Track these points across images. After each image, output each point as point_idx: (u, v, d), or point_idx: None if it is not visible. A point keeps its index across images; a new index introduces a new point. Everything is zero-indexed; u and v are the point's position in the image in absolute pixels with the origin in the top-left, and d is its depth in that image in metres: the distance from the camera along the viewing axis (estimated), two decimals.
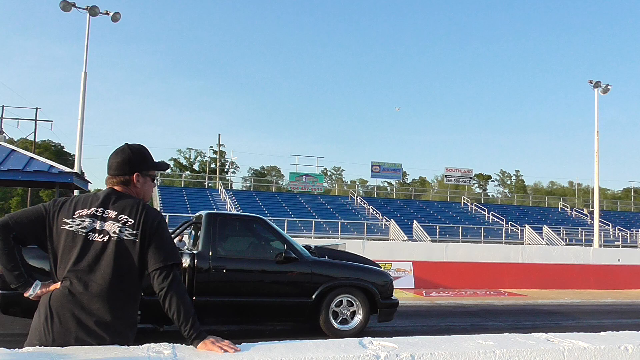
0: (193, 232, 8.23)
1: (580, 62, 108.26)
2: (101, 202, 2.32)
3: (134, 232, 2.27)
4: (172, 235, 8.01)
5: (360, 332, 7.55)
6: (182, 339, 2.24)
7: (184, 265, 6.94)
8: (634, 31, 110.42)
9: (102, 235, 2.25)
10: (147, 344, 2.11)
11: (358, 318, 7.67)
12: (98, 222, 2.27)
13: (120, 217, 2.28)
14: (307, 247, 8.24)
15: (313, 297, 7.43)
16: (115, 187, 2.40)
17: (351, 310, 7.67)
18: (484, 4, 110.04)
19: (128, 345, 2.12)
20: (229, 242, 7.67)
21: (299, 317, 7.62)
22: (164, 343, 2.14)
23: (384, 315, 7.89)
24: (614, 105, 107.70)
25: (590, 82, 28.43)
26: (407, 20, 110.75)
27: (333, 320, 7.54)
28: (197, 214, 8.38)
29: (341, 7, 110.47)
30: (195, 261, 7.01)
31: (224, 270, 7.17)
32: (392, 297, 8.05)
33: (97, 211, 2.29)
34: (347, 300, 7.67)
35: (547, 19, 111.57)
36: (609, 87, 28.32)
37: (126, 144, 2.47)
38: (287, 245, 7.51)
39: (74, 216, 2.27)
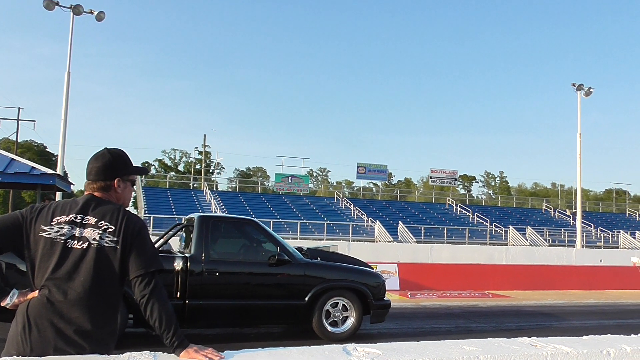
0: (184, 235, 8.20)
1: (563, 65, 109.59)
2: (80, 208, 2.28)
3: (115, 238, 2.24)
4: (165, 238, 7.98)
5: (353, 334, 7.58)
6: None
7: (177, 268, 6.92)
8: (616, 35, 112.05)
9: (81, 242, 2.21)
10: (128, 353, 2.07)
11: (351, 320, 7.70)
12: (77, 228, 2.23)
13: (101, 224, 2.24)
14: (300, 249, 8.24)
15: (306, 299, 7.43)
16: (95, 193, 2.36)
17: (344, 312, 7.70)
18: (470, 8, 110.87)
19: (108, 354, 2.08)
20: (221, 245, 7.66)
21: (292, 319, 7.64)
22: (145, 352, 2.11)
23: (377, 316, 7.92)
24: (597, 107, 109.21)
25: (573, 85, 28.78)
26: (392, 22, 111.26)
27: (326, 323, 7.55)
28: (188, 216, 8.36)
29: (326, 9, 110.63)
30: (188, 264, 6.98)
31: (217, 274, 7.16)
32: (385, 299, 8.10)
33: (76, 218, 2.25)
34: (340, 302, 7.69)
35: (532, 22, 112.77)
36: (591, 90, 28.67)
37: (105, 148, 2.43)
38: (279, 248, 7.50)
39: (52, 223, 2.23)
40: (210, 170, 64.35)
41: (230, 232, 8.04)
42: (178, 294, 6.89)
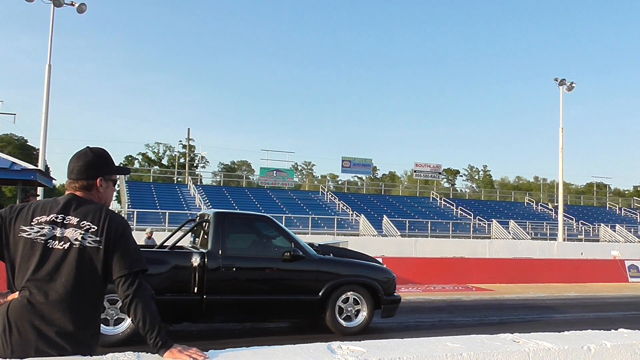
0: (195, 231, 8.27)
1: (546, 59, 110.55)
2: (61, 208, 2.25)
3: (98, 238, 2.21)
4: (179, 235, 8.09)
5: (365, 328, 7.78)
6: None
7: (194, 264, 7.03)
8: (597, 30, 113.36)
9: (62, 242, 2.18)
10: (111, 354, 2.06)
11: (363, 314, 7.86)
12: (58, 229, 2.20)
13: (83, 224, 2.22)
14: (311, 245, 8.39)
15: (320, 294, 7.59)
16: (77, 193, 2.33)
17: (356, 307, 7.86)
18: (455, 5, 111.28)
19: (91, 355, 2.07)
20: (237, 241, 7.78)
21: (306, 314, 7.83)
22: (128, 352, 2.09)
23: (387, 311, 8.12)
24: (578, 102, 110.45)
25: (556, 80, 29.11)
26: (375, 14, 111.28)
27: (339, 317, 7.71)
28: (200, 213, 8.49)
29: (308, 2, 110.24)
30: (206, 260, 7.09)
31: (234, 269, 7.29)
32: (395, 294, 8.27)
33: (57, 218, 2.21)
34: (353, 297, 7.85)
35: (515, 15, 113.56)
36: (573, 84, 29.02)
37: (88, 147, 2.40)
38: (294, 244, 7.66)
39: (32, 223, 2.19)
40: (195, 164, 63.96)
41: (245, 228, 8.15)
42: (195, 289, 7.01)
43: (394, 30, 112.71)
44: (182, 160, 62.44)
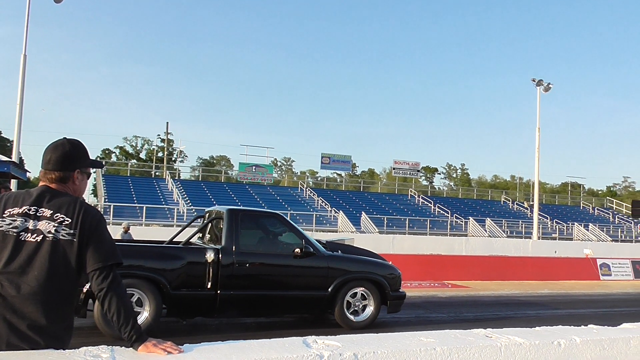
0: (205, 228, 8.30)
1: (523, 60, 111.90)
2: (34, 200, 2.22)
3: (72, 231, 2.18)
4: (194, 231, 8.12)
5: (372, 322, 8.01)
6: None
7: (208, 260, 7.13)
8: (572, 32, 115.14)
9: (35, 235, 2.15)
10: (84, 348, 2.05)
11: (370, 309, 8.07)
12: (31, 221, 2.17)
13: (57, 216, 2.19)
14: (319, 242, 8.52)
15: (329, 290, 7.78)
16: (51, 185, 2.29)
17: (363, 303, 8.06)
18: (433, 3, 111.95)
19: (64, 349, 2.05)
20: (250, 238, 7.90)
21: (316, 309, 8.05)
22: (102, 346, 2.09)
23: (393, 306, 8.35)
24: (555, 102, 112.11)
25: (533, 81, 29.49)
26: (354, 11, 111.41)
27: (347, 312, 7.90)
28: (209, 209, 8.59)
29: None
30: (220, 256, 7.20)
31: (247, 265, 7.42)
32: (400, 290, 8.48)
33: (29, 210, 2.19)
34: (360, 292, 8.04)
35: (495, 16, 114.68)
36: (550, 85, 29.43)
37: (65, 138, 2.37)
38: (304, 241, 7.80)
39: (4, 215, 2.17)
40: (173, 159, 63.37)
41: (258, 225, 8.28)
42: (209, 284, 7.12)
43: (374, 28, 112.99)
44: (160, 154, 61.75)
